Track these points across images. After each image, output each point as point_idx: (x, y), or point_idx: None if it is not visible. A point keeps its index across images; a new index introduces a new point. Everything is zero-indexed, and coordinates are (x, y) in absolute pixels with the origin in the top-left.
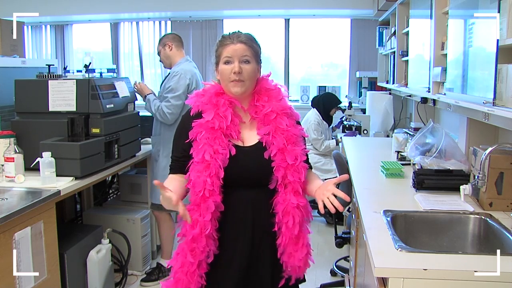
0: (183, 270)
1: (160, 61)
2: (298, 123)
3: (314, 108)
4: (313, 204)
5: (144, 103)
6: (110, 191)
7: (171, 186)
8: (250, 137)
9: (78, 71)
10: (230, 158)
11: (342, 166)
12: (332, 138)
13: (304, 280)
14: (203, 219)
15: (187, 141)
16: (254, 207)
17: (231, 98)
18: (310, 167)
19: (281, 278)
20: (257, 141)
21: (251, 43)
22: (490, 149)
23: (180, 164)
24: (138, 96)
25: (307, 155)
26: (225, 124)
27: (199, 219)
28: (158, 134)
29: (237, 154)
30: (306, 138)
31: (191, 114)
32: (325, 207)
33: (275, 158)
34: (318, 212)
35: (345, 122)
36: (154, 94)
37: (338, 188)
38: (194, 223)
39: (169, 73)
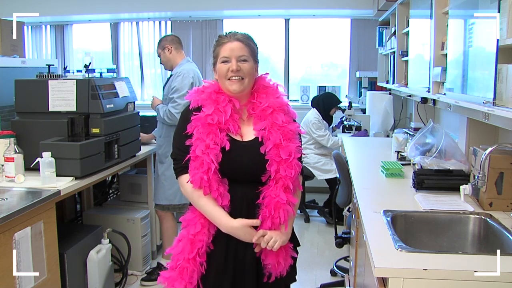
0: (184, 256)
1: (160, 63)
2: (295, 121)
3: (314, 108)
4: (313, 204)
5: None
6: (110, 191)
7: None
8: (248, 133)
9: (78, 71)
10: (227, 152)
11: (342, 166)
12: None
13: (291, 278)
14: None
15: (184, 133)
16: (249, 202)
17: (230, 96)
18: (301, 172)
19: (263, 276)
20: (254, 136)
21: (247, 41)
22: (490, 149)
23: (186, 164)
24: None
25: (301, 154)
26: (224, 118)
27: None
28: (165, 136)
29: (234, 149)
30: (308, 137)
31: (190, 108)
32: None
33: (270, 153)
34: (318, 212)
35: (345, 122)
36: (163, 103)
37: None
38: (197, 217)
39: (171, 75)
